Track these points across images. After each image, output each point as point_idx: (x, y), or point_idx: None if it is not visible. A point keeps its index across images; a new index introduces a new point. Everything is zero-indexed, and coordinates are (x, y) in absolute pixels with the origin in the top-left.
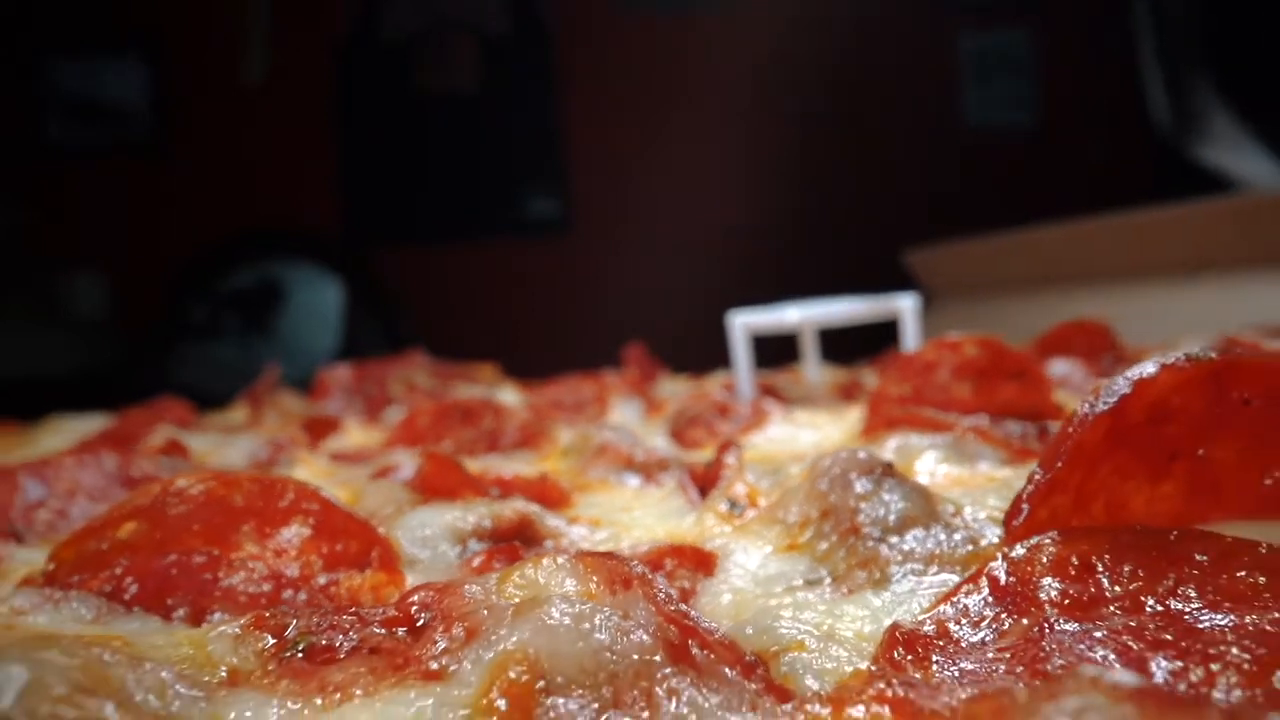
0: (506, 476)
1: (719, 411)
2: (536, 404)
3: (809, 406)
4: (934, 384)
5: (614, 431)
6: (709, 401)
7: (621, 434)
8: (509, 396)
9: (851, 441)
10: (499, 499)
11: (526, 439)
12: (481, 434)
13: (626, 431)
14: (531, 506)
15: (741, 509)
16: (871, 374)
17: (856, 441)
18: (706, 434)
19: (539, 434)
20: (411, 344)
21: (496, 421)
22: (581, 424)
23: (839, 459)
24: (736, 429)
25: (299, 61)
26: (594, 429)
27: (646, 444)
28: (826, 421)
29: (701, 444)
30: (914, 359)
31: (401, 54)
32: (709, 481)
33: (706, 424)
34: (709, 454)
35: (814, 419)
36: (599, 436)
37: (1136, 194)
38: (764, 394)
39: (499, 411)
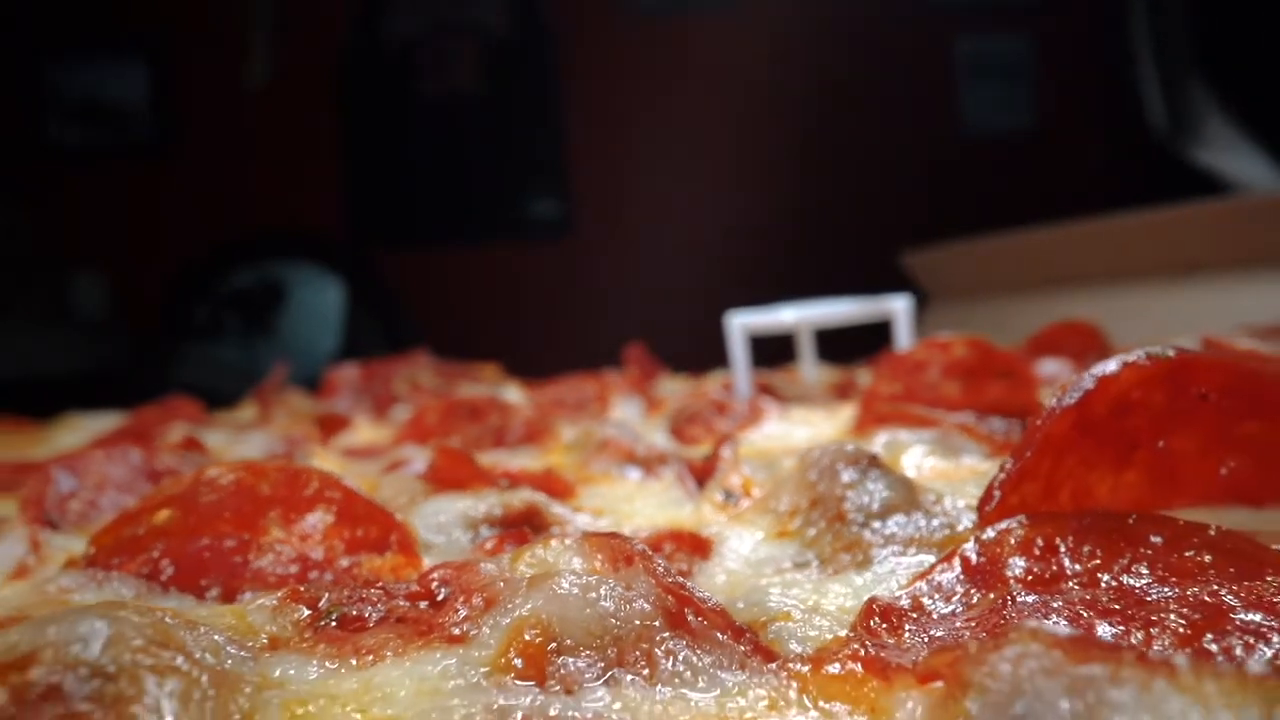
0: (513, 470)
1: (717, 409)
2: (540, 402)
3: (805, 404)
4: (924, 382)
5: (615, 428)
6: (707, 399)
7: (623, 430)
8: (513, 395)
9: (844, 437)
10: (508, 489)
11: (531, 435)
12: (488, 430)
13: (628, 428)
14: (538, 496)
15: (736, 499)
16: (866, 373)
17: (848, 437)
18: (705, 430)
19: (543, 430)
20: (412, 344)
21: (502, 418)
22: (584, 421)
23: (828, 451)
24: (734, 426)
25: (301, 63)
26: (596, 425)
27: (647, 440)
28: (821, 419)
29: (700, 440)
30: (905, 358)
31: (403, 56)
32: (706, 474)
33: (705, 421)
34: (707, 449)
35: (809, 416)
36: (601, 432)
37: (1133, 196)
38: (761, 392)
39: (504, 409)
